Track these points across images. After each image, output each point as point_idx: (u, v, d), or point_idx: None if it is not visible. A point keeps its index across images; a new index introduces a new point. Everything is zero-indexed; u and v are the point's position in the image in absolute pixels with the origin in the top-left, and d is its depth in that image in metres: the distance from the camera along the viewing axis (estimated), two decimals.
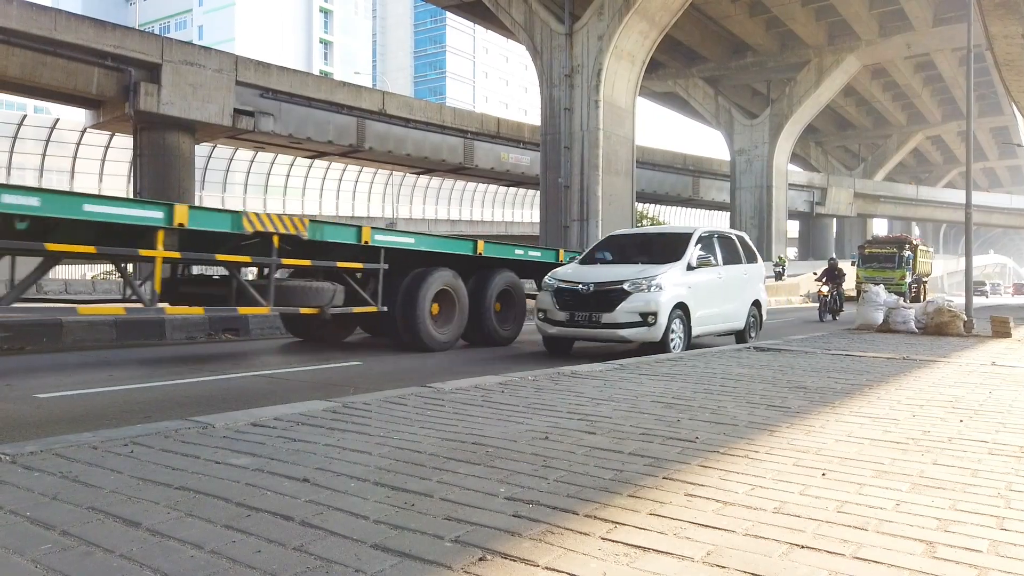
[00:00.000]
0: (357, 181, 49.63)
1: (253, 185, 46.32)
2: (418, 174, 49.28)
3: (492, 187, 56.20)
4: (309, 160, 45.59)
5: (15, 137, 36.81)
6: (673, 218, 64.90)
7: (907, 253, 33.75)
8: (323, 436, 3.43)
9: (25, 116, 39.03)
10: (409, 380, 6.22)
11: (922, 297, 33.21)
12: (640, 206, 49.76)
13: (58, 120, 38.32)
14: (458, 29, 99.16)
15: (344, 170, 48.50)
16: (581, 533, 2.19)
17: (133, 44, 29.31)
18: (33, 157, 37.67)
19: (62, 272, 33.56)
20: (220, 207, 43.06)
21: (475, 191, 56.41)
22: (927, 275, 38.07)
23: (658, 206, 61.93)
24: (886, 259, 33.60)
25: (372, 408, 4.16)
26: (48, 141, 37.54)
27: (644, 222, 50.11)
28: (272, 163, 45.92)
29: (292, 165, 46.64)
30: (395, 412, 4.07)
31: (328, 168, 47.85)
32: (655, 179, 52.91)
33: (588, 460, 3.05)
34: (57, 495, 2.45)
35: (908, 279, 32.99)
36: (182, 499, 2.45)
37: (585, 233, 30.27)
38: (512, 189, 57.51)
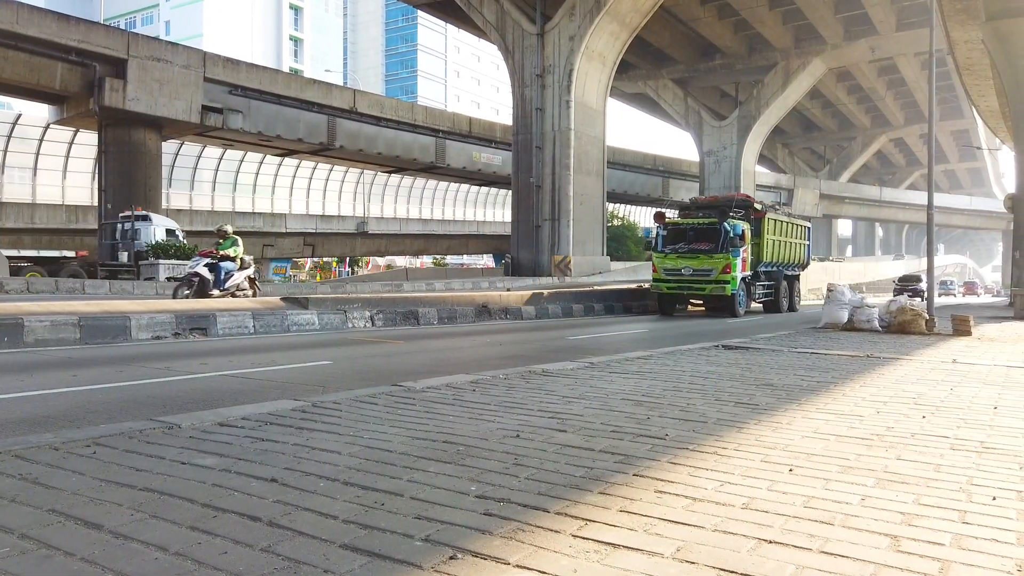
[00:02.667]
0: (328, 180, 49.19)
1: (222, 183, 45.66)
2: (389, 173, 49.04)
3: (464, 186, 56.10)
4: (279, 158, 45.11)
5: None
6: (643, 218, 65.34)
7: (738, 227, 18.29)
8: (292, 436, 3.39)
9: None
10: (380, 379, 6.18)
11: (784, 306, 21.58)
12: (611, 206, 50.02)
13: (20, 115, 37.41)
14: (430, 28, 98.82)
15: (315, 168, 48.06)
16: (552, 531, 2.19)
17: (98, 39, 28.76)
18: None
19: None
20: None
21: (447, 190, 56.26)
22: (797, 264, 23.04)
23: (628, 206, 62.33)
24: (700, 237, 18.36)
25: (342, 407, 4.13)
26: (10, 137, 36.63)
27: (614, 222, 50.39)
28: (241, 161, 45.33)
29: (261, 163, 46.09)
30: (366, 411, 4.03)
31: (298, 166, 47.38)
32: (626, 179, 53.25)
33: (559, 458, 3.06)
34: (16, 497, 2.39)
35: (736, 272, 17.92)
36: (146, 500, 2.40)
37: (556, 233, 30.37)
38: (484, 189, 57.49)
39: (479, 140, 44.80)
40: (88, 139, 35.86)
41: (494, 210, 60.87)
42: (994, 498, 2.60)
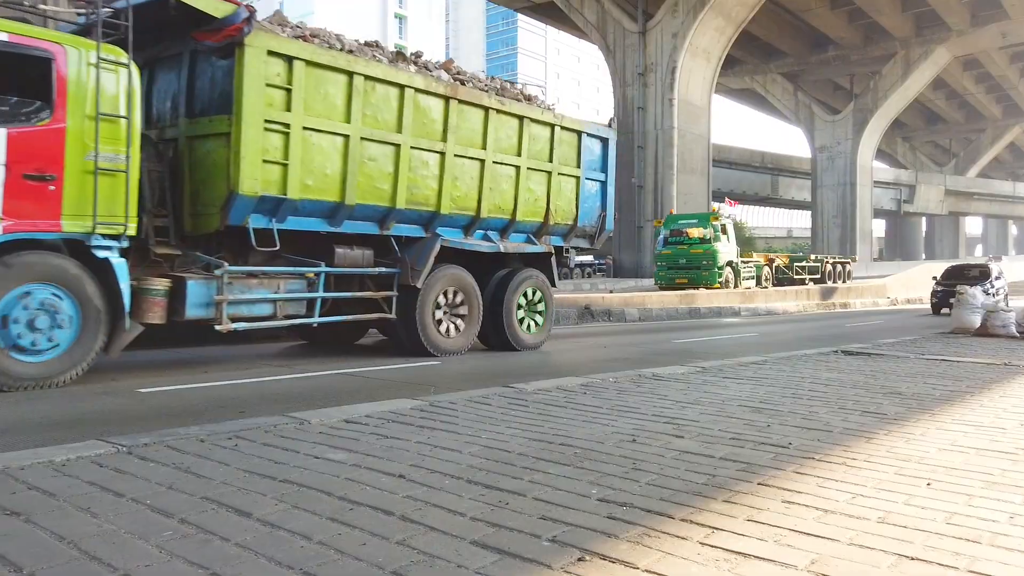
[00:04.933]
0: None
1: None
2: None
3: None
4: None
5: None
6: (751, 217, 63.39)
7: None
8: (414, 434, 3.51)
9: None
10: (488, 380, 6.28)
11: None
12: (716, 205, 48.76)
13: None
14: (529, 31, 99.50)
15: None
16: (678, 537, 2.18)
17: None
18: None
19: None
20: None
21: None
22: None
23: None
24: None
25: (458, 407, 4.23)
26: None
27: None
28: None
29: None
30: (481, 411, 4.12)
31: None
32: (732, 178, 51.72)
33: (678, 464, 3.03)
34: (173, 485, 2.59)
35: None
36: (287, 491, 2.55)
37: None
38: None
39: None
40: None
41: None
42: None
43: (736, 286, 22.42)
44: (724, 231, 22.63)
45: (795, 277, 27.02)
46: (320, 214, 7.22)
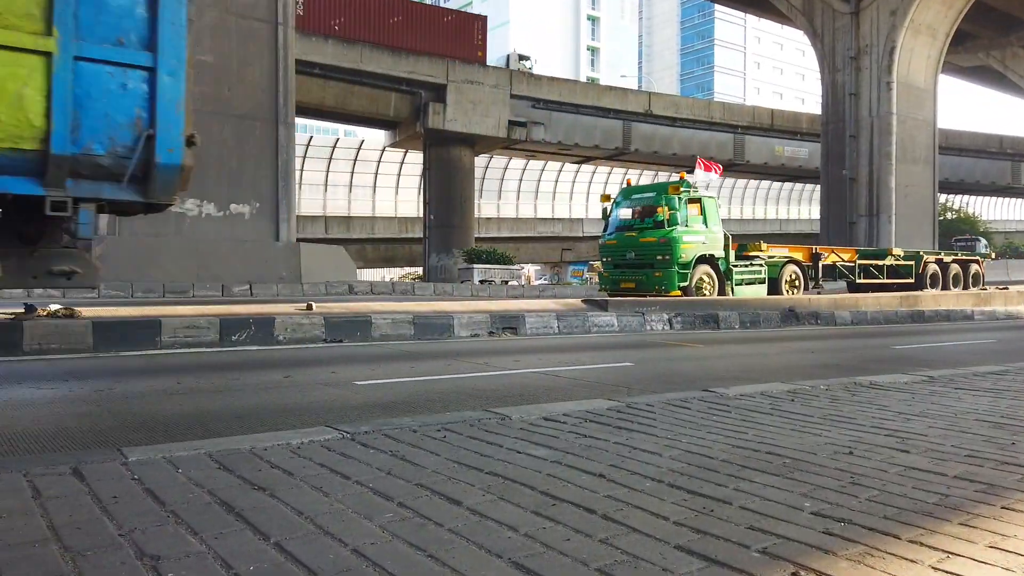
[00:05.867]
0: (622, 184, 50.15)
1: (525, 192, 48.95)
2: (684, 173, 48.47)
3: (764, 183, 53.43)
4: (576, 166, 47.11)
5: (330, 158, 42.79)
6: (986, 209, 56.43)
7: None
8: (612, 434, 3.50)
9: (337, 140, 45.21)
10: (685, 383, 6.13)
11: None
12: (943, 197, 43.99)
13: (363, 141, 43.83)
14: (727, 21, 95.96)
15: (609, 173, 49.32)
16: (906, 559, 1.99)
17: (423, 68, 32.53)
18: (343, 175, 43.46)
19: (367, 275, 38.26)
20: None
21: (745, 188, 54.06)
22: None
23: (966, 196, 54.24)
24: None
25: (655, 410, 4.17)
26: (355, 160, 43.08)
27: (947, 215, 44.27)
28: (542, 171, 48.17)
29: (560, 171, 48.51)
30: (679, 415, 4.03)
31: (594, 172, 49.01)
32: (962, 166, 46.37)
33: (904, 480, 2.76)
34: (391, 471, 2.80)
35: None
36: (493, 483, 2.65)
37: (874, 229, 27.50)
38: (786, 184, 54.19)
39: (782, 133, 42.36)
40: (414, 158, 40.85)
41: (798, 207, 57.07)
42: None
43: (722, 294, 15.54)
44: (701, 211, 15.46)
45: (861, 281, 19.82)
46: None
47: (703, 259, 15.42)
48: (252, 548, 2.01)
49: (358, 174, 43.26)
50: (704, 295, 15.18)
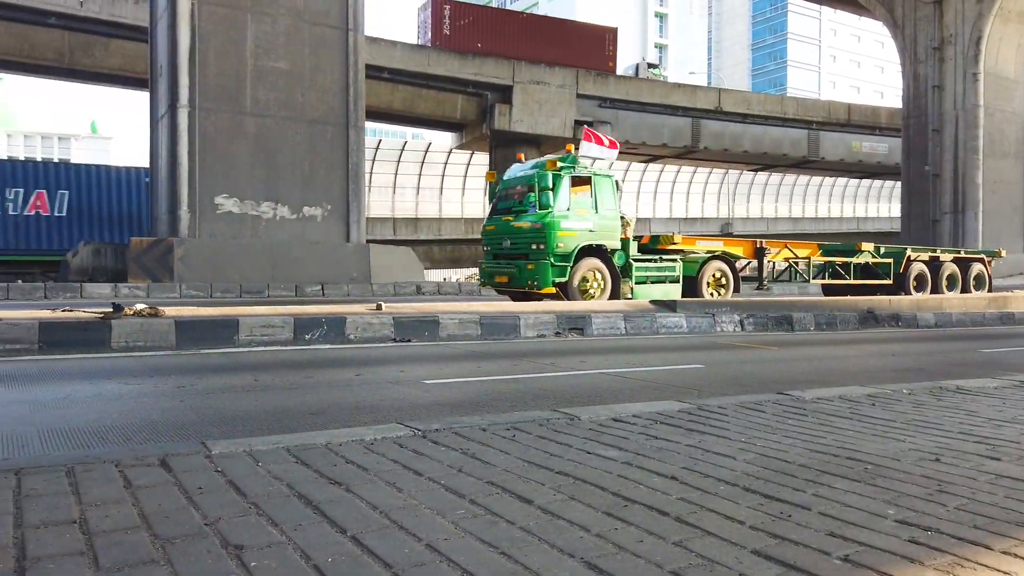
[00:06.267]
0: (691, 182, 49.30)
1: None
2: (755, 171, 47.41)
3: (840, 180, 51.71)
4: (643, 164, 46.57)
5: (398, 160, 43.50)
6: None
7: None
8: (683, 436, 3.45)
9: (405, 143, 45.94)
10: (758, 386, 5.98)
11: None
12: None
13: (430, 144, 44.43)
14: (800, 14, 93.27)
15: (678, 172, 48.56)
16: (999, 571, 1.89)
17: (489, 70, 32.76)
18: (411, 177, 44.11)
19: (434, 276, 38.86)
20: None
21: (820, 185, 52.43)
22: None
23: None
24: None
25: (728, 412, 4.08)
26: (423, 163, 43.68)
27: None
28: (608, 169, 47.70)
29: (627, 170, 48.00)
30: (753, 418, 3.94)
31: (662, 171, 48.32)
32: None
33: (995, 489, 2.63)
34: (462, 468, 2.83)
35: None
36: (563, 483, 2.65)
37: (959, 227, 26.27)
38: (864, 181, 52.31)
39: (859, 128, 40.92)
40: (480, 160, 41.14)
41: (877, 204, 55.02)
42: None
43: (614, 295, 13.27)
44: (591, 191, 13.20)
45: (823, 282, 17.38)
46: None
47: (589, 251, 13.17)
48: (330, 540, 2.06)
49: (425, 176, 43.85)
50: (590, 296, 13.08)
